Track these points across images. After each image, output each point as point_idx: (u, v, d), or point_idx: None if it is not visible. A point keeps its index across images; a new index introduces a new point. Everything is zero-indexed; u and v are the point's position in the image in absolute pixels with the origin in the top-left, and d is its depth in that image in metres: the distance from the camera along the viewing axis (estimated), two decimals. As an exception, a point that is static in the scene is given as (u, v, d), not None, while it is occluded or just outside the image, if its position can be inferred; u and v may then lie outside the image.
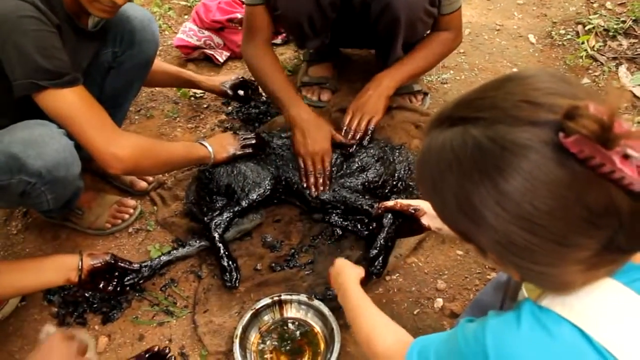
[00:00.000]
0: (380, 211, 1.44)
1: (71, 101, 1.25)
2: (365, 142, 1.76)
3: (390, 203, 1.39)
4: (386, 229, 1.49)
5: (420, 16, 1.71)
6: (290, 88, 1.75)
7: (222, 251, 1.56)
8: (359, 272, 1.25)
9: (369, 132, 1.77)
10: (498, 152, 0.59)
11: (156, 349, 1.36)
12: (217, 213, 1.61)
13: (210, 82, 2.04)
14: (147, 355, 1.35)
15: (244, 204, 1.63)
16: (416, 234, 1.40)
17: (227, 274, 1.53)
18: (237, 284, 1.53)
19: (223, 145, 1.68)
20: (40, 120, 1.31)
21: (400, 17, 1.68)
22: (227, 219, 1.60)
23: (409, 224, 1.37)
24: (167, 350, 1.36)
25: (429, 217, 1.31)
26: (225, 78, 2.08)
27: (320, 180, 1.66)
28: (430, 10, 1.71)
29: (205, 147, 1.63)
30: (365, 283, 1.24)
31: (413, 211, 1.33)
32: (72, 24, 1.35)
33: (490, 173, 0.60)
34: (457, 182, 0.63)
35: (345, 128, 1.77)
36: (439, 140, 0.66)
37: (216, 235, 1.57)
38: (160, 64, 1.89)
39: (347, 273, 1.23)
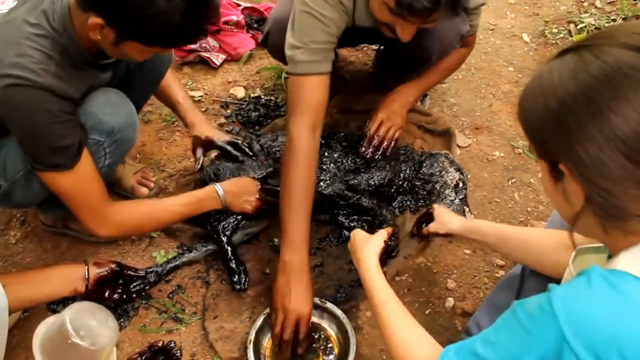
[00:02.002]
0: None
1: (62, 184, 1.32)
2: (388, 153, 1.75)
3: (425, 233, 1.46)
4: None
5: (448, 53, 1.75)
6: (303, 227, 1.39)
7: (230, 254, 1.55)
8: (378, 245, 1.22)
9: (394, 142, 1.76)
10: (603, 69, 0.65)
11: (160, 343, 1.34)
12: (224, 216, 1.59)
13: (189, 125, 1.73)
14: (152, 350, 1.33)
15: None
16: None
17: (236, 276, 1.52)
18: (246, 287, 1.52)
19: (239, 197, 1.57)
20: (114, 89, 1.42)
21: (433, 58, 1.73)
22: (235, 221, 1.59)
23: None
24: (172, 344, 1.35)
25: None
26: (208, 133, 1.72)
27: (288, 346, 1.32)
28: (457, 46, 1.75)
29: (218, 196, 1.53)
30: (384, 261, 1.23)
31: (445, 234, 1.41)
32: (92, 63, 1.34)
33: (591, 87, 0.66)
34: (555, 95, 0.69)
35: (372, 134, 1.76)
36: (548, 66, 0.73)
37: (224, 238, 1.56)
38: (165, 80, 1.71)
39: (365, 251, 1.20)
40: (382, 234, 1.26)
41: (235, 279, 1.52)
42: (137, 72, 1.57)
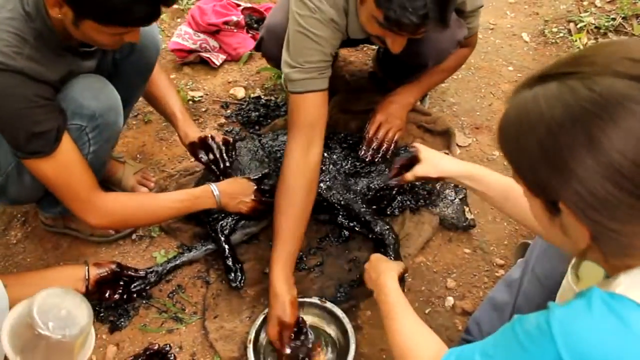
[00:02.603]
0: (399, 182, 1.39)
1: (44, 171, 1.31)
2: (388, 155, 1.75)
3: (410, 178, 1.34)
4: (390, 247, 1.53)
5: (445, 57, 1.75)
6: (288, 255, 1.39)
7: (227, 252, 1.56)
8: (397, 267, 1.23)
9: (394, 144, 1.76)
10: (595, 99, 0.61)
11: (156, 347, 1.35)
12: (223, 215, 1.60)
13: (182, 136, 1.70)
14: (147, 354, 1.33)
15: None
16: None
17: (232, 273, 1.53)
18: (242, 284, 1.53)
19: (235, 197, 1.56)
20: (95, 74, 1.42)
21: (429, 63, 1.73)
22: (233, 220, 1.60)
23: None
24: (167, 348, 1.35)
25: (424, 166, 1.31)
26: (197, 135, 1.69)
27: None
28: (454, 51, 1.73)
29: (214, 196, 1.52)
30: (401, 279, 1.21)
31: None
32: (71, 49, 1.34)
33: (584, 120, 0.61)
34: (545, 130, 0.64)
35: (370, 136, 1.76)
36: (529, 95, 0.67)
37: (222, 236, 1.57)
38: (161, 89, 1.71)
39: (384, 270, 1.19)
40: (401, 264, 1.28)
41: (231, 277, 1.53)
42: (124, 64, 1.57)
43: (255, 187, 1.60)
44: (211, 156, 1.68)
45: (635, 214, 0.62)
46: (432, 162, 1.29)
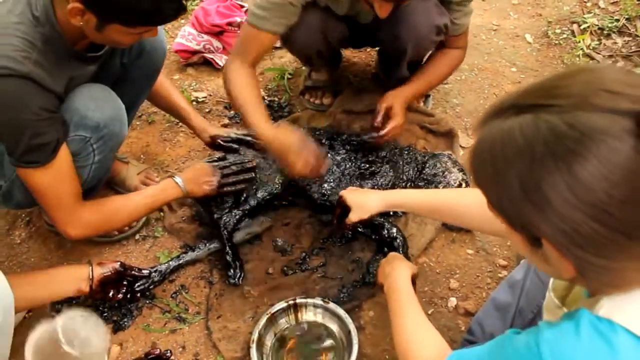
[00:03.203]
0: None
1: (35, 180, 1.33)
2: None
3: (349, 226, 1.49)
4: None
5: (426, 46, 1.76)
6: (260, 109, 1.59)
7: (227, 248, 1.57)
8: (411, 268, 1.25)
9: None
10: (576, 137, 0.58)
11: (157, 351, 1.35)
12: (226, 212, 1.62)
13: (200, 130, 1.80)
14: (148, 358, 1.34)
15: (252, 202, 1.64)
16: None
17: (231, 270, 1.54)
18: (240, 281, 1.53)
19: (198, 181, 1.59)
20: (98, 84, 1.42)
21: (407, 49, 1.73)
22: (236, 217, 1.61)
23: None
24: (168, 353, 1.35)
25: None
26: (217, 131, 1.81)
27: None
28: (436, 40, 1.73)
29: (178, 185, 1.56)
30: (412, 283, 1.23)
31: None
32: (77, 55, 1.34)
33: (566, 158, 0.59)
34: (525, 167, 0.61)
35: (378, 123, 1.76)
36: (504, 127, 0.64)
37: (224, 233, 1.58)
38: (166, 88, 1.78)
39: (398, 266, 1.22)
40: (414, 267, 1.30)
41: (230, 273, 1.54)
42: (133, 66, 1.57)
43: (214, 166, 1.63)
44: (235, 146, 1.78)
45: (621, 249, 0.61)
46: (359, 207, 1.39)
